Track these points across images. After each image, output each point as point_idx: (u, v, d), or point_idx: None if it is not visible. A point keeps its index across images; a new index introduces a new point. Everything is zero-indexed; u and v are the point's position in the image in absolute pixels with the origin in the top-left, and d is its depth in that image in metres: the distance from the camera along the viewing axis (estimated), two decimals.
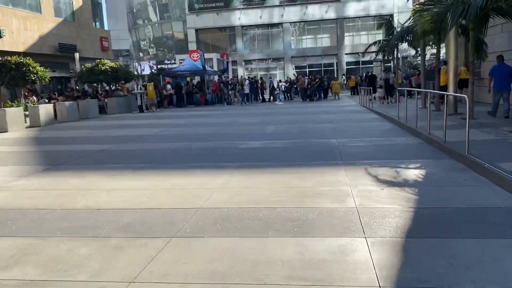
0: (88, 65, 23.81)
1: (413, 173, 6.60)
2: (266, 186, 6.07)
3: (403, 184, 5.92)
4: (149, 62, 51.81)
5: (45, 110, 17.40)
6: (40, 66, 19.97)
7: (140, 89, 23.66)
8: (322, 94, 29.07)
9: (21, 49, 28.06)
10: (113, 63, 23.62)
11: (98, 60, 23.77)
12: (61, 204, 5.59)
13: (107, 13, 39.14)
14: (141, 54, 53.86)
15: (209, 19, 46.72)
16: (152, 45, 54.46)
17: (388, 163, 7.32)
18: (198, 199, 5.52)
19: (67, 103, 19.42)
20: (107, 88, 28.03)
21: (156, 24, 53.20)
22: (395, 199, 5.15)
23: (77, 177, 7.35)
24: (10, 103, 20.44)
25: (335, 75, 45.01)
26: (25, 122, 17.21)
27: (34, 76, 19.11)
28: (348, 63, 46.45)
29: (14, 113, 15.73)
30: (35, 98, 22.78)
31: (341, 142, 9.81)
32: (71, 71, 26.99)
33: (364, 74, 34.18)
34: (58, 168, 8.26)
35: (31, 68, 19.06)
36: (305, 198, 5.34)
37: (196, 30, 47.51)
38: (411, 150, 8.66)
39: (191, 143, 10.83)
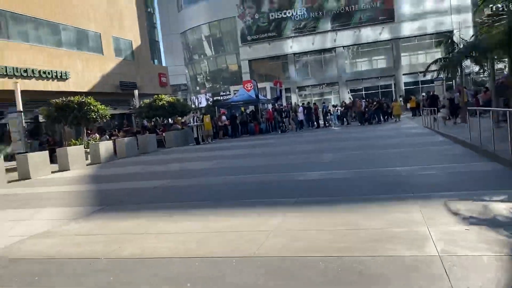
0: (147, 101, 24.37)
1: (502, 207, 5.57)
2: (328, 228, 5.32)
3: (493, 222, 4.94)
4: (206, 95, 52.87)
5: (105, 147, 17.73)
6: (101, 105, 20.60)
7: (196, 122, 23.76)
8: (381, 117, 27.83)
9: (85, 89, 29.41)
10: (170, 98, 24.00)
11: (156, 96, 24.28)
12: (107, 253, 5.16)
13: (164, 50, 40.58)
14: (197, 87, 55.16)
15: (261, 49, 47.10)
16: (208, 78, 55.65)
17: (468, 195, 6.32)
18: (251, 245, 4.88)
19: (126, 139, 19.77)
20: (165, 122, 28.63)
21: (211, 58, 54.45)
22: (488, 243, 4.22)
23: (127, 218, 7.00)
24: (74, 141, 21.18)
25: (393, 97, 43.38)
26: (87, 159, 17.61)
27: (95, 114, 19.70)
28: (406, 84, 44.70)
29: (76, 151, 16.10)
30: (97, 135, 23.55)
31: (409, 171, 8.84)
32: (131, 107, 27.79)
33: (425, 94, 32.50)
34: (110, 209, 7.99)
35: (92, 107, 19.68)
36: (375, 244, 4.53)
37: (250, 61, 48.01)
38: (493, 178, 7.55)
39: (245, 176, 10.29)
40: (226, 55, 53.19)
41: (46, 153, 14.94)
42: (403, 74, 44.60)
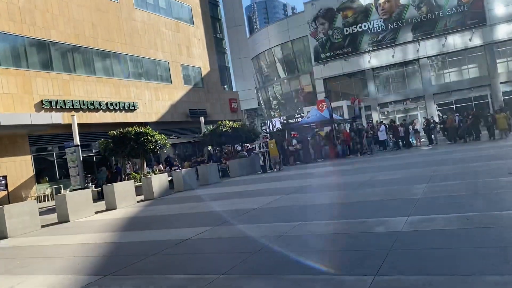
0: (210, 127, 22.51)
1: None
2: None
3: None
4: (280, 118, 50.70)
5: (159, 180, 15.85)
6: (160, 134, 19.01)
7: (263, 147, 21.35)
8: (479, 133, 23.29)
9: (153, 119, 28.55)
10: (234, 123, 21.91)
11: (220, 122, 22.36)
12: None
13: (234, 75, 39.24)
14: (271, 111, 53.26)
15: (336, 67, 44.02)
16: (282, 101, 53.56)
17: None
18: None
19: (183, 170, 17.81)
20: (236, 148, 26.66)
21: (285, 80, 52.41)
22: None
23: None
24: (134, 174, 19.74)
25: (491, 109, 37.65)
26: (141, 195, 15.87)
27: (152, 144, 18.10)
28: (504, 93, 38.69)
29: (125, 187, 14.35)
30: (161, 166, 22.05)
31: None
32: (196, 135, 26.16)
33: None
34: (106, 282, 5.63)
35: (149, 137, 18.11)
36: None
37: (324, 80, 45.09)
38: None
39: (300, 226, 7.44)
40: (300, 76, 50.83)
41: (88, 192, 13.31)
42: (501, 83, 38.71)
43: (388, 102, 43.22)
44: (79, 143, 17.81)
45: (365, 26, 42.42)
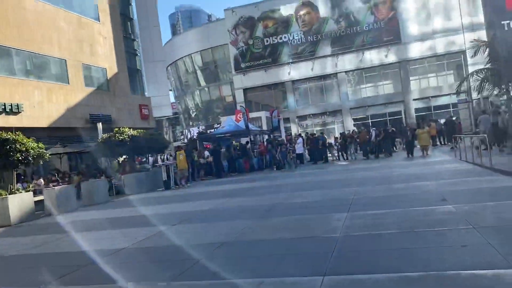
0: (105, 136, 19.08)
1: None
2: None
3: None
4: (198, 128, 47.81)
5: (21, 201, 12.26)
6: (35, 142, 15.27)
7: (167, 160, 18.41)
8: (391, 149, 22.46)
9: (44, 124, 24.31)
10: (135, 131, 18.71)
11: (117, 129, 19.03)
12: None
13: (147, 79, 35.70)
14: (190, 120, 50.22)
15: (257, 77, 42.23)
16: (202, 110, 50.74)
17: None
18: None
19: (58, 189, 14.24)
20: (143, 160, 23.29)
21: (205, 88, 49.71)
22: None
23: None
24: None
25: (403, 124, 37.95)
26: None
27: (22, 155, 14.35)
28: (417, 110, 39.35)
29: None
30: (41, 181, 18.13)
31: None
32: (89, 145, 22.40)
33: (445, 120, 27.21)
34: None
35: (18, 146, 14.35)
36: None
37: (244, 90, 43.08)
38: None
39: (187, 272, 4.77)
40: (220, 85, 48.46)
41: None
42: (413, 100, 39.34)
43: (307, 115, 42.26)
44: None
45: (285, 37, 41.19)
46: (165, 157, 19.14)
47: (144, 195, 16.41)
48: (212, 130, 42.50)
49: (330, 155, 23.52)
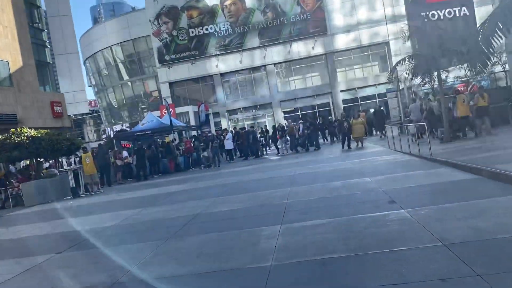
0: (1, 136, 15.96)
1: None
2: None
3: None
4: (122, 125, 44.41)
5: None
6: None
7: (75, 163, 15.82)
8: (319, 142, 21.62)
9: None
10: (34, 132, 15.84)
11: (13, 130, 16.03)
12: None
13: (59, 73, 31.97)
14: (112, 118, 46.51)
15: (183, 70, 39.82)
16: (125, 106, 47.27)
17: None
18: None
19: None
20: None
21: (128, 83, 46.28)
22: None
23: None
24: None
25: (332, 116, 37.71)
26: None
27: None
28: (344, 101, 39.30)
29: None
30: None
31: None
32: None
33: (373, 109, 26.89)
34: None
35: None
36: None
37: (170, 84, 40.47)
38: None
39: None
40: (144, 79, 45.36)
41: None
42: (341, 91, 39.21)
43: (237, 109, 40.68)
44: None
45: (211, 28, 39.13)
46: (73, 160, 16.49)
47: (43, 206, 13.77)
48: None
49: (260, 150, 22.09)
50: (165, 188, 13.96)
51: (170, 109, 29.36)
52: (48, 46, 32.28)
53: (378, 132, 23.48)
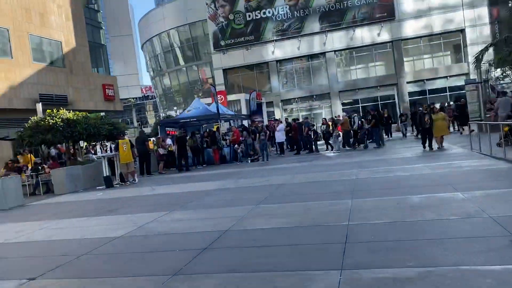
0: (35, 118, 14.90)
1: None
2: None
3: None
4: (176, 112, 43.58)
5: None
6: None
7: (110, 150, 14.42)
8: (383, 138, 18.79)
9: None
10: (70, 114, 14.61)
11: (49, 111, 14.90)
12: None
13: (112, 56, 31.36)
14: (165, 103, 45.85)
15: (238, 56, 37.99)
16: (180, 92, 46.45)
17: None
18: None
19: None
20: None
21: (183, 69, 45.36)
22: None
23: None
24: None
25: (398, 110, 34.38)
26: None
27: None
28: (411, 94, 35.71)
29: None
30: None
31: None
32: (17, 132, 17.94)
33: (453, 103, 23.53)
34: None
35: None
36: None
37: (224, 71, 38.83)
38: None
39: None
40: (199, 65, 44.16)
41: None
42: (407, 82, 35.59)
43: (292, 98, 38.32)
44: None
45: (269, 12, 36.89)
46: (109, 147, 15.13)
47: (70, 196, 12.42)
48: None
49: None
50: (203, 184, 12.09)
51: (221, 96, 27.75)
52: (103, 28, 31.68)
53: (458, 128, 20.40)
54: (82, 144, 17.87)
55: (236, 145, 18.49)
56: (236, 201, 8.57)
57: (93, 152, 18.10)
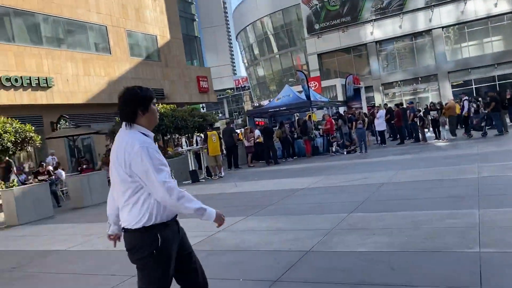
0: None
1: None
2: None
3: None
4: (270, 101, 42.92)
5: None
6: (23, 124, 11.50)
7: (196, 143, 13.83)
8: (503, 124, 15.51)
9: (80, 100, 21.15)
10: (159, 107, 14.31)
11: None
12: None
13: (205, 47, 31.43)
14: (259, 92, 45.42)
15: (333, 40, 35.83)
16: (273, 81, 45.63)
17: None
18: None
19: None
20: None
21: (277, 56, 44.38)
22: None
23: None
24: None
25: None
26: None
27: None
28: None
29: None
30: (14, 175, 14.01)
31: None
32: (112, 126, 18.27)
33: None
34: None
35: None
36: None
37: (319, 56, 36.94)
38: None
39: None
40: (292, 52, 42.77)
41: None
42: None
43: (394, 82, 35.11)
44: None
45: None
46: (195, 140, 14.56)
47: None
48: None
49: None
50: (289, 181, 10.79)
51: (315, 83, 26.10)
52: (196, 20, 31.84)
53: None
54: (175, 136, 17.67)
55: (330, 135, 16.83)
56: (324, 207, 7.11)
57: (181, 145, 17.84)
